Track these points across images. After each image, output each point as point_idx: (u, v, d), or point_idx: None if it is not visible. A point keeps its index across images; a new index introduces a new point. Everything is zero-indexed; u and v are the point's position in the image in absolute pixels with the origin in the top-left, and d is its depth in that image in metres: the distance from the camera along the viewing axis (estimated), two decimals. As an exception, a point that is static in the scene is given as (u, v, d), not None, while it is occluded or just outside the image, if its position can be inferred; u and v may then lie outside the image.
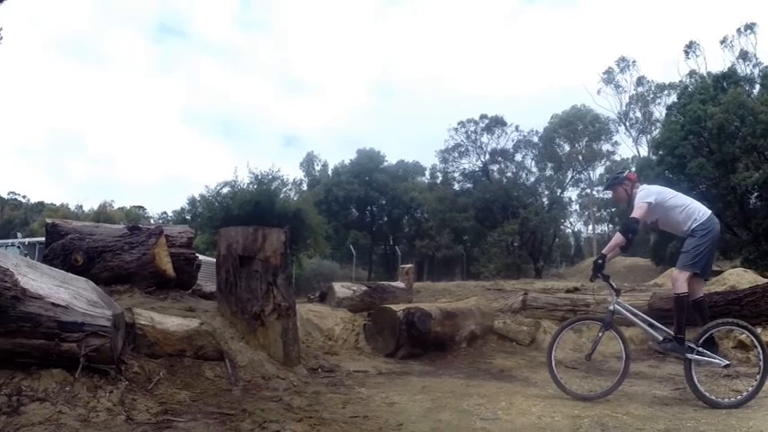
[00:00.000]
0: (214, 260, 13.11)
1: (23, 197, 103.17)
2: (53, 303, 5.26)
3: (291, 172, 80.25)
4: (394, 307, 9.61)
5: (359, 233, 61.12)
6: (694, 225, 7.15)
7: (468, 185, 62.06)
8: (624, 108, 61.19)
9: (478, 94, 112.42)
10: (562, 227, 66.46)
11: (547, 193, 61.62)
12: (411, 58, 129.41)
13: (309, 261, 44.16)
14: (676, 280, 7.16)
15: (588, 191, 67.02)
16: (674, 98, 47.95)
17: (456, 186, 62.82)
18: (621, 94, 61.00)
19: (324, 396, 6.31)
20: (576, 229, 77.53)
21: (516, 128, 60.56)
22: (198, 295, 9.89)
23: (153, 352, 6.26)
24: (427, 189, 64.50)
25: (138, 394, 5.46)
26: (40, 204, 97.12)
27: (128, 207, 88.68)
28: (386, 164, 64.11)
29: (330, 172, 69.21)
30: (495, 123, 60.94)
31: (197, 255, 10.36)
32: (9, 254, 6.07)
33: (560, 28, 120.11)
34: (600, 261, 7.24)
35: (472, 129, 61.58)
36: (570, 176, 63.50)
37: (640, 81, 59.51)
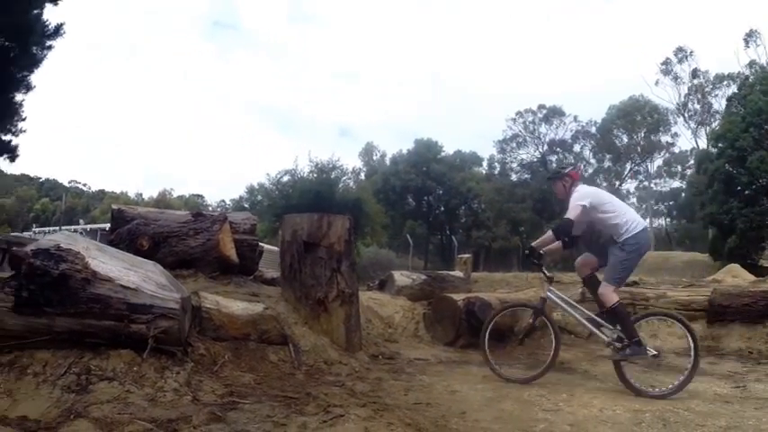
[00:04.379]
0: (274, 248, 13.15)
1: (85, 185, 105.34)
2: (123, 286, 5.36)
3: (349, 161, 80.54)
4: (454, 296, 9.58)
5: (415, 223, 61.04)
6: (627, 236, 6.99)
7: (526, 176, 61.73)
8: (683, 99, 59.80)
9: (535, 85, 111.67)
10: (620, 220, 65.73)
11: (605, 184, 60.81)
12: (468, 49, 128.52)
13: (367, 250, 44.24)
14: (605, 294, 7.00)
15: (646, 183, 66.00)
16: (734, 89, 46.98)
17: (513, 177, 62.53)
18: (680, 85, 59.62)
19: (386, 382, 6.33)
20: (633, 223, 76.65)
21: (575, 118, 60.00)
22: (260, 281, 9.98)
23: (218, 335, 6.35)
24: (484, 179, 64.18)
25: (203, 376, 5.55)
26: (101, 192, 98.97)
27: (187, 195, 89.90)
28: (443, 154, 63.74)
29: (388, 162, 69.13)
30: (554, 114, 60.49)
31: (259, 242, 10.45)
32: (80, 237, 6.18)
33: (618, 18, 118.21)
34: (527, 252, 7.41)
35: (530, 119, 61.31)
36: (629, 168, 62.61)
37: (695, 73, 58.05)
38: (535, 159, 61.10)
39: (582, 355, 8.74)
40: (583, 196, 7.21)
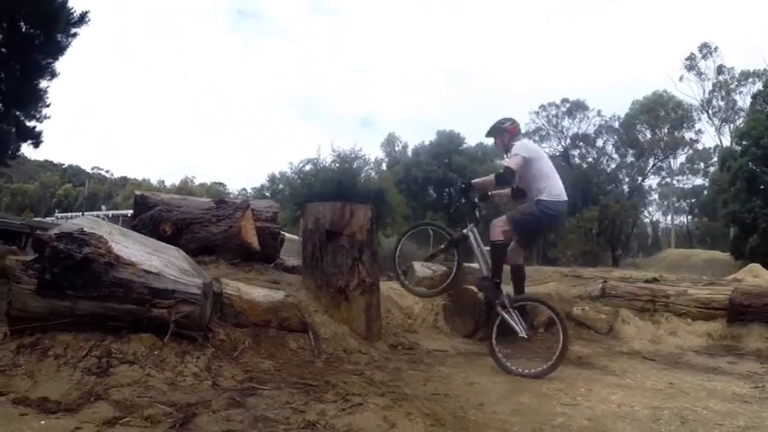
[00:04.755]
0: (294, 236, 13.16)
1: (107, 172, 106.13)
2: (145, 270, 5.39)
3: (371, 152, 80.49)
4: (474, 288, 9.55)
5: (436, 214, 60.89)
6: (546, 198, 7.36)
7: (548, 169, 61.46)
8: (707, 96, 59.19)
9: (559, 80, 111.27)
10: (641, 216, 65.26)
11: (627, 180, 60.53)
12: (493, 43, 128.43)
13: (387, 240, 44.24)
14: (494, 227, 7.55)
15: (669, 180, 65.53)
16: (759, 86, 46.61)
17: (535, 170, 62.29)
18: (704, 81, 59.03)
19: (405, 372, 6.32)
20: (654, 219, 76.02)
21: (598, 113, 59.63)
22: (281, 269, 10.00)
23: (239, 321, 6.37)
24: (507, 173, 63.95)
25: (223, 361, 5.58)
26: (124, 179, 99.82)
27: (208, 183, 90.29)
28: (465, 146, 63.61)
29: (410, 153, 69.04)
30: (577, 108, 60.21)
31: (281, 229, 10.48)
32: (103, 222, 6.22)
33: (643, 14, 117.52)
34: (463, 185, 7.98)
35: (553, 113, 61.09)
36: (651, 164, 62.16)
37: (720, 69, 57.45)
38: (557, 153, 60.78)
39: (601, 351, 8.70)
40: (524, 149, 7.64)
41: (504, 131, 8.01)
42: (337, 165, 38.61)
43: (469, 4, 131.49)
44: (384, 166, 67.96)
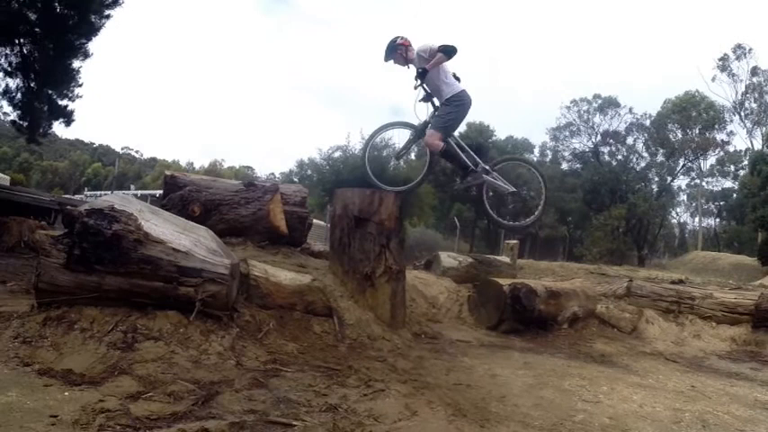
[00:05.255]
0: (321, 222, 13.21)
1: (137, 152, 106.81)
2: (174, 248, 5.42)
3: (400, 140, 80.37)
4: (500, 281, 9.53)
5: (463, 206, 60.73)
6: (451, 94, 8.06)
7: (578, 166, 61.03)
8: (740, 97, 58.28)
9: (591, 74, 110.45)
10: (668, 216, 64.72)
11: (656, 179, 59.92)
12: (523, 34, 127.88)
13: (413, 230, 44.19)
14: (432, 137, 8.10)
15: (698, 181, 64.82)
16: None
17: (564, 166, 61.88)
18: (737, 83, 58.12)
19: (427, 361, 6.32)
20: (681, 220, 75.36)
21: (630, 110, 59.04)
22: (307, 253, 10.02)
23: (265, 303, 6.39)
24: (536, 167, 63.65)
25: (247, 342, 5.61)
26: (153, 160, 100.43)
27: (237, 166, 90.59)
28: (495, 138, 63.28)
29: (439, 143, 68.81)
30: (609, 104, 59.60)
31: (309, 214, 10.50)
32: (134, 199, 6.25)
33: (677, 12, 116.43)
34: (420, 70, 7.97)
35: (585, 108, 60.46)
36: (681, 164, 61.48)
37: (755, 71, 56.55)
38: (587, 150, 60.34)
39: (624, 350, 8.64)
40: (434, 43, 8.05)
41: (399, 47, 8.30)
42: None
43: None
44: (413, 155, 67.78)
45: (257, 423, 3.79)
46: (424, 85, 8.13)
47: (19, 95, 22.63)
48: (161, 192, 10.94)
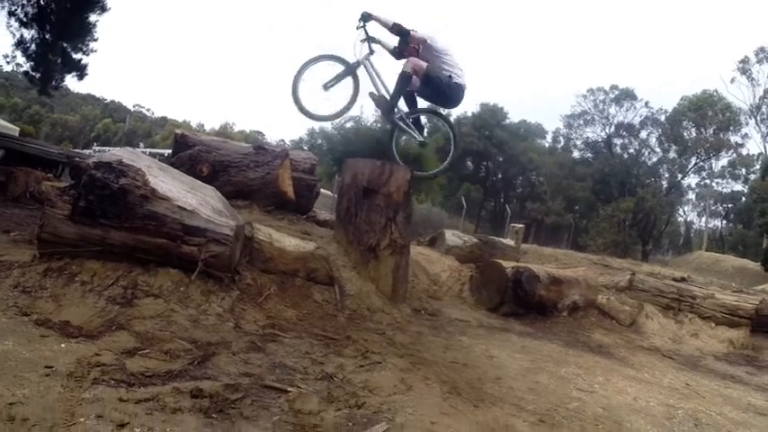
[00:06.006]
0: (328, 192, 13.22)
1: (148, 110, 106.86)
2: (180, 206, 5.41)
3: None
4: (503, 263, 9.50)
5: (471, 186, 60.64)
6: (456, 81, 8.42)
7: (589, 155, 60.81)
8: (757, 101, 57.65)
9: (608, 65, 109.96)
10: (675, 214, 64.51)
11: (667, 176, 59.66)
12: (541, 18, 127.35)
13: (420, 206, 44.18)
14: (410, 62, 8.23)
15: (708, 181, 64.47)
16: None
17: (576, 154, 61.71)
18: (756, 87, 57.47)
19: (425, 338, 6.31)
20: (688, 219, 75.06)
21: (646, 103, 58.70)
22: (312, 221, 10.02)
23: (267, 267, 6.37)
24: (547, 153, 63.48)
25: (247, 305, 5.61)
26: (164, 119, 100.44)
27: (247, 131, 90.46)
28: (508, 121, 63.08)
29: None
30: (625, 96, 59.27)
31: (318, 182, 10.49)
32: (143, 155, 6.22)
33: (702, 10, 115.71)
34: (363, 14, 8.39)
35: (601, 98, 60.14)
36: (693, 163, 61.12)
37: (774, 77, 55.81)
38: (600, 140, 60.08)
39: (621, 342, 8.62)
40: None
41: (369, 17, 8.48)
42: (379, 125, 38.41)
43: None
44: (425, 133, 67.68)
45: (252, 386, 3.78)
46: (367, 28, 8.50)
47: (33, 46, 22.69)
48: (170, 151, 10.91)
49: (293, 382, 4.02)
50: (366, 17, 8.26)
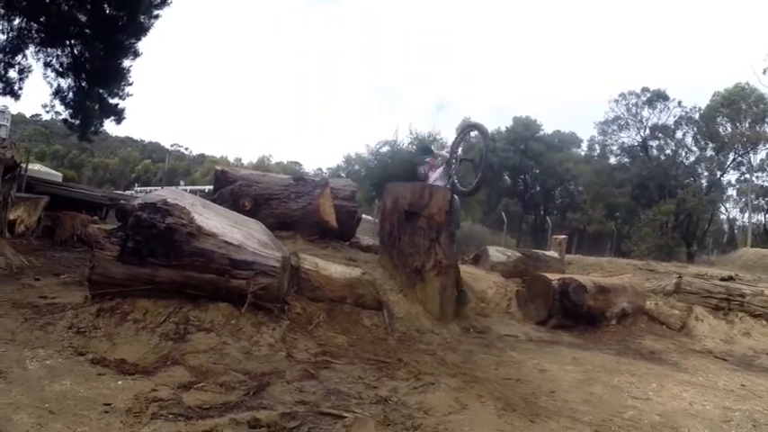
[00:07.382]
0: (368, 217, 13.32)
1: (186, 149, 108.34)
2: (226, 241, 5.49)
3: (447, 135, 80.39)
4: (549, 276, 9.47)
5: (510, 201, 60.44)
6: None
7: (626, 160, 60.22)
8: (791, 92, 56.64)
9: (638, 68, 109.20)
10: (718, 212, 63.52)
11: (706, 174, 58.84)
12: (568, 26, 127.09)
13: (461, 224, 44.10)
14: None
15: (748, 176, 63.45)
16: None
17: (612, 160, 61.14)
18: (790, 76, 56.50)
19: (476, 355, 6.31)
20: (730, 216, 73.87)
21: (679, 103, 58.06)
22: (356, 247, 10.07)
23: (315, 296, 6.43)
24: (583, 161, 62.97)
25: (298, 334, 5.66)
26: (202, 156, 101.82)
27: (285, 162, 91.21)
28: (541, 133, 62.79)
29: (486, 138, 68.48)
30: (657, 97, 58.59)
31: (359, 208, 10.56)
32: (186, 194, 6.32)
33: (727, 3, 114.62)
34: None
35: (633, 101, 59.54)
36: (731, 159, 60.24)
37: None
38: (636, 144, 59.46)
39: (673, 347, 8.53)
40: None
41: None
42: (414, 147, 38.44)
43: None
44: (460, 151, 67.59)
45: (308, 414, 3.81)
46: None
47: (71, 95, 23.19)
48: (211, 187, 11.06)
49: (349, 407, 4.05)
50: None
